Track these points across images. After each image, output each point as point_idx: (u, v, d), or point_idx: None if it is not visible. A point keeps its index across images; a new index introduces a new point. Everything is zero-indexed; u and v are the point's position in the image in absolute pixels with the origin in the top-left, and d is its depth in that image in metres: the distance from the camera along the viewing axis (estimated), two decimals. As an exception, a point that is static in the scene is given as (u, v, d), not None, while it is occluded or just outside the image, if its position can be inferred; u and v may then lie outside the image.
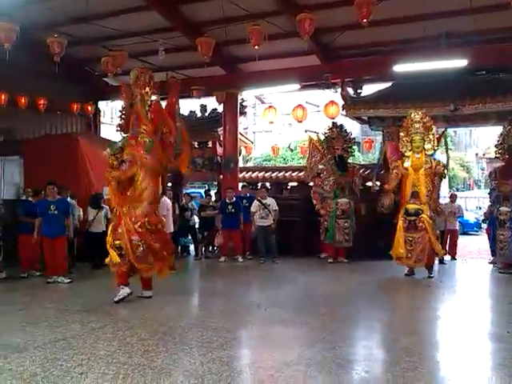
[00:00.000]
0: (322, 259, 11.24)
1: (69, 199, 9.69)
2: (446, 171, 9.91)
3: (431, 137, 9.58)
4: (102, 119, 17.36)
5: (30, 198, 9.76)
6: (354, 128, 20.22)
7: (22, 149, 11.81)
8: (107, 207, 9.92)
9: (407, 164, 9.58)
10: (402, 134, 9.76)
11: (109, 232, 7.31)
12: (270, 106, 14.38)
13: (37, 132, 13.37)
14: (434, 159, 9.75)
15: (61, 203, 9.00)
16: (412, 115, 9.62)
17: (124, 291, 7.05)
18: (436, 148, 9.72)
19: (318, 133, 11.99)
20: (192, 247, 12.58)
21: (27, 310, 6.57)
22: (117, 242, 7.08)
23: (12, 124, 12.58)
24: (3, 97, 11.63)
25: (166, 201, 10.29)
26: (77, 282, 8.74)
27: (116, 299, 6.95)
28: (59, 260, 8.81)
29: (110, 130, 19.27)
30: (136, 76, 7.40)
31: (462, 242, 14.55)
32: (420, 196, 9.35)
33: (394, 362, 4.59)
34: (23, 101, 12.12)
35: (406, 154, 9.68)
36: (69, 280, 8.67)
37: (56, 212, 8.80)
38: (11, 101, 11.86)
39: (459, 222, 17.76)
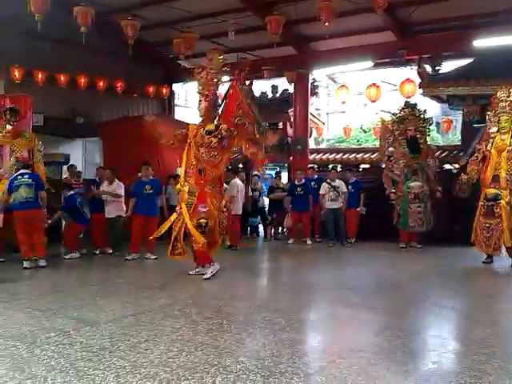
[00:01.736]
0: (395, 244, 10.86)
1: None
2: None
3: None
4: (176, 101, 17.70)
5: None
6: (433, 107, 19.34)
7: (99, 130, 12.29)
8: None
9: (491, 146, 8.86)
10: (489, 113, 9.10)
11: (185, 213, 7.23)
12: (342, 86, 14.02)
13: (114, 114, 13.86)
14: None
15: (155, 183, 9.25)
16: (498, 93, 8.85)
17: (215, 267, 7.26)
18: None
19: (392, 113, 11.54)
20: (261, 228, 12.64)
21: (101, 286, 6.86)
22: (202, 221, 7.15)
23: (91, 106, 13.10)
24: (83, 80, 12.14)
25: (237, 182, 10.38)
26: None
27: (207, 276, 7.13)
28: (149, 238, 9.11)
29: (184, 112, 19.65)
30: (220, 62, 7.46)
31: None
32: (500, 180, 8.66)
33: (464, 353, 4.36)
34: (101, 84, 12.60)
35: (492, 135, 9.02)
36: (155, 256, 8.96)
37: (151, 192, 9.07)
38: (90, 84, 12.35)
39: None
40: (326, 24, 8.54)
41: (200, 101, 7.36)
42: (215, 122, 7.24)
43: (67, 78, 11.84)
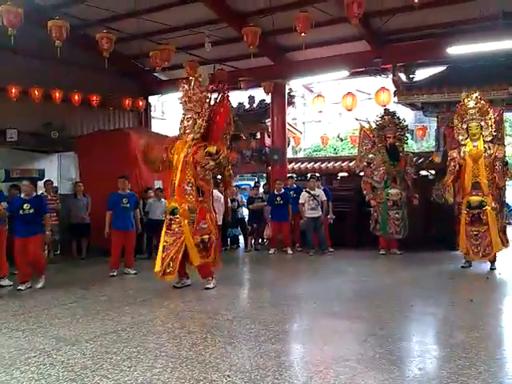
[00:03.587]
0: (375, 251, 10.92)
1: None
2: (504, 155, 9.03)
3: (489, 122, 8.88)
4: (152, 114, 17.61)
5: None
6: (407, 115, 19.67)
7: (75, 144, 12.14)
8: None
9: (464, 153, 8.95)
10: (455, 120, 9.21)
11: (186, 231, 7.21)
12: (318, 95, 14.12)
13: (90, 128, 13.71)
14: (495, 144, 8.94)
15: (132, 197, 9.09)
16: (466, 101, 8.96)
17: (215, 281, 7.48)
18: (494, 133, 9.08)
19: (368, 120, 11.65)
20: (242, 239, 12.59)
21: (80, 303, 6.71)
22: (205, 237, 7.31)
23: (66, 120, 12.93)
24: (57, 94, 11.95)
25: (217, 194, 10.32)
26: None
27: (211, 286, 7.38)
28: (129, 252, 8.98)
29: (160, 125, 19.56)
30: (207, 78, 7.66)
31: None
32: (482, 187, 8.73)
33: (449, 358, 4.38)
34: (76, 97, 12.44)
35: (462, 143, 9.12)
36: (135, 271, 8.85)
37: (127, 205, 8.90)
38: (65, 98, 12.20)
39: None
40: (302, 34, 8.57)
41: (189, 117, 7.42)
42: (216, 147, 7.25)
43: (41, 93, 11.65)
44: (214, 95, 7.76)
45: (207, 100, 7.55)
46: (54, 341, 4.90)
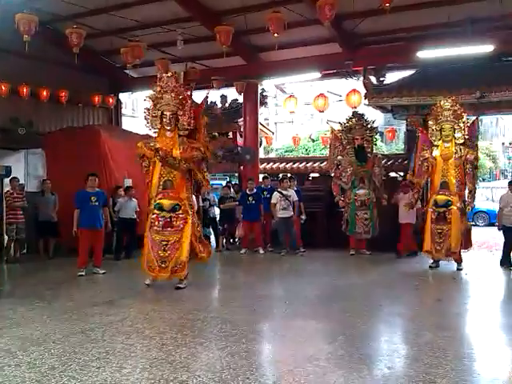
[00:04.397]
0: (345, 251, 11.03)
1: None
2: (476, 158, 9.27)
3: (461, 125, 9.06)
4: (123, 111, 17.38)
5: None
6: (377, 117, 19.94)
7: (43, 141, 11.89)
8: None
9: (436, 153, 9.16)
10: (430, 122, 9.39)
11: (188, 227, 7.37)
12: (290, 96, 14.20)
13: (58, 125, 13.43)
14: (466, 147, 9.15)
15: (101, 195, 8.91)
16: (442, 102, 9.13)
17: (186, 281, 7.51)
18: (467, 137, 9.24)
19: (341, 123, 11.77)
20: (213, 239, 12.54)
21: (48, 303, 6.56)
22: (199, 228, 7.90)
23: (34, 117, 12.65)
24: (25, 90, 11.71)
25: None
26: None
27: (183, 286, 7.37)
28: (98, 252, 8.81)
29: (131, 122, 19.32)
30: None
31: (489, 233, 14.25)
32: (450, 187, 8.97)
33: (416, 357, 4.45)
34: (45, 93, 12.19)
35: (434, 143, 9.30)
36: (103, 271, 8.71)
37: (97, 203, 8.72)
38: (33, 93, 11.94)
39: (485, 212, 18.63)
40: (275, 35, 8.61)
41: (171, 114, 7.34)
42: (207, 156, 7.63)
43: (8, 88, 11.38)
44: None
45: (189, 98, 7.55)
46: (19, 341, 4.79)
